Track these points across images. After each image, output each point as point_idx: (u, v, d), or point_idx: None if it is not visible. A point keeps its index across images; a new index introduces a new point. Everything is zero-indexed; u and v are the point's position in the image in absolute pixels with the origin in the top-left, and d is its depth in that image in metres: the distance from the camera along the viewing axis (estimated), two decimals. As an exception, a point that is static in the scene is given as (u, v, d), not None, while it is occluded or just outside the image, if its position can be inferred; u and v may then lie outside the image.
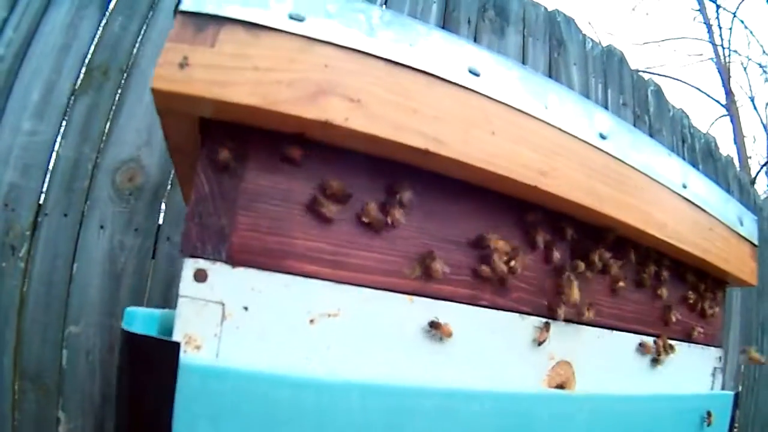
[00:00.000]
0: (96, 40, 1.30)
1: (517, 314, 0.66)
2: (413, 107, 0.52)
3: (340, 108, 0.48)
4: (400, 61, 0.52)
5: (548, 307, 0.69)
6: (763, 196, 3.45)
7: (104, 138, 1.27)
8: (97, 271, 1.22)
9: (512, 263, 0.63)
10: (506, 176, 0.56)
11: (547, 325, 0.67)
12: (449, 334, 0.57)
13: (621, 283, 0.79)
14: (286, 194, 0.52)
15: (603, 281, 0.77)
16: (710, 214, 0.86)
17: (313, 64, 0.48)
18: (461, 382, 0.60)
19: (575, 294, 0.68)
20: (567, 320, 0.70)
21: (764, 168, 6.53)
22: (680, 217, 0.80)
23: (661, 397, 0.86)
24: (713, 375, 1.01)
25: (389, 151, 0.53)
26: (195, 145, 0.55)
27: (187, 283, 0.47)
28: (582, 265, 0.72)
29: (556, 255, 0.69)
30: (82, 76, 1.28)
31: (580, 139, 0.64)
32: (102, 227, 1.24)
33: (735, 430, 2.69)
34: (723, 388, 1.02)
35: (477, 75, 0.56)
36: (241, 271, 0.49)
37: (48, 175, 1.21)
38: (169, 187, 1.29)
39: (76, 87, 1.27)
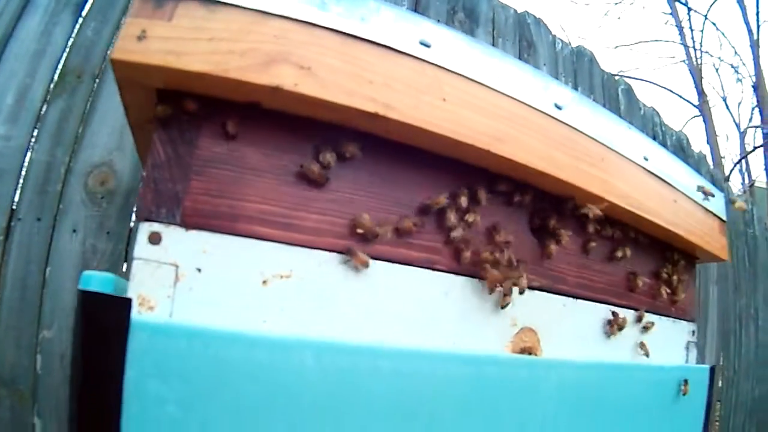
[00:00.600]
0: (69, 45, 1.31)
1: (476, 279, 0.67)
2: (364, 75, 0.53)
3: (291, 74, 0.50)
4: (352, 33, 0.54)
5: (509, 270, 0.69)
6: (736, 193, 3.50)
7: (77, 142, 1.28)
8: (70, 275, 1.21)
9: (469, 226, 0.65)
10: (458, 140, 0.58)
11: (509, 289, 0.68)
12: (365, 263, 0.57)
13: (587, 252, 0.81)
14: (238, 160, 0.53)
15: (568, 250, 0.78)
16: (674, 187, 0.88)
17: (266, 35, 0.50)
18: (419, 343, 0.61)
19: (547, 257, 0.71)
20: (530, 287, 0.71)
21: (737, 165, 6.66)
22: (643, 189, 0.81)
23: (633, 367, 0.87)
24: (687, 348, 1.02)
25: (340, 116, 0.54)
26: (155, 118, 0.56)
27: (141, 246, 0.48)
28: (545, 233, 0.73)
29: (517, 222, 0.71)
30: (55, 80, 1.29)
31: (535, 108, 0.66)
32: (75, 231, 1.23)
33: (717, 419, 2.72)
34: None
35: (428, 46, 0.58)
36: (195, 234, 0.50)
37: (21, 180, 1.21)
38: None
39: (50, 91, 1.27)
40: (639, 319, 0.89)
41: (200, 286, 0.50)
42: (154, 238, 0.49)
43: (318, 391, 0.51)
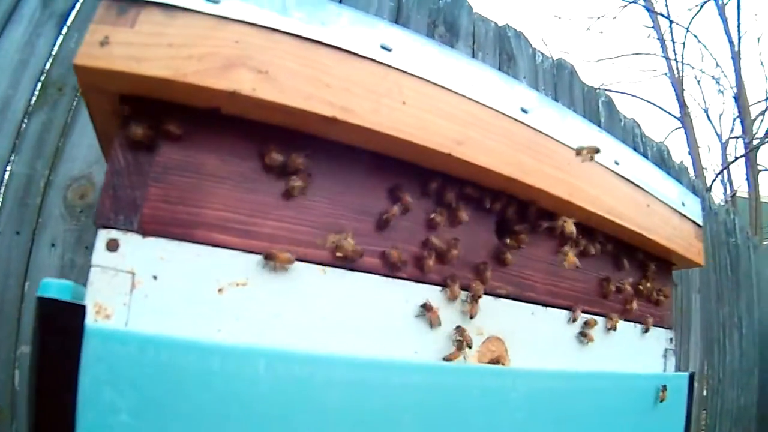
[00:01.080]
0: (52, 57, 1.31)
1: (438, 287, 0.67)
2: (323, 79, 0.54)
3: (248, 79, 0.50)
4: (312, 37, 0.54)
5: (473, 280, 0.70)
6: (718, 204, 3.54)
7: (57, 155, 1.27)
8: (48, 288, 1.20)
9: (431, 239, 0.65)
10: (418, 144, 0.58)
11: (474, 299, 0.68)
12: (289, 261, 0.56)
13: (556, 259, 0.80)
14: (197, 166, 0.53)
15: (537, 257, 0.78)
16: (647, 192, 0.88)
17: (225, 40, 0.50)
18: (378, 353, 0.61)
19: (504, 263, 0.70)
20: (496, 295, 0.71)
21: (719, 176, 6.72)
22: (614, 193, 0.81)
23: (608, 375, 0.86)
24: (665, 356, 1.02)
25: (298, 121, 0.55)
26: (116, 123, 0.56)
27: (99, 253, 0.48)
28: (510, 240, 0.73)
29: (482, 228, 0.71)
30: (37, 92, 1.28)
31: (500, 112, 0.66)
32: (53, 245, 1.23)
33: (703, 427, 2.71)
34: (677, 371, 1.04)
35: (389, 50, 0.59)
36: (152, 241, 0.50)
37: (1, 192, 1.20)
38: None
39: (32, 103, 1.27)
40: (612, 327, 0.89)
41: (156, 293, 0.50)
42: (112, 245, 0.49)
43: (272, 400, 0.51)
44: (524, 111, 0.69)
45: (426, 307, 0.64)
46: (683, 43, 9.21)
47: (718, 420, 2.86)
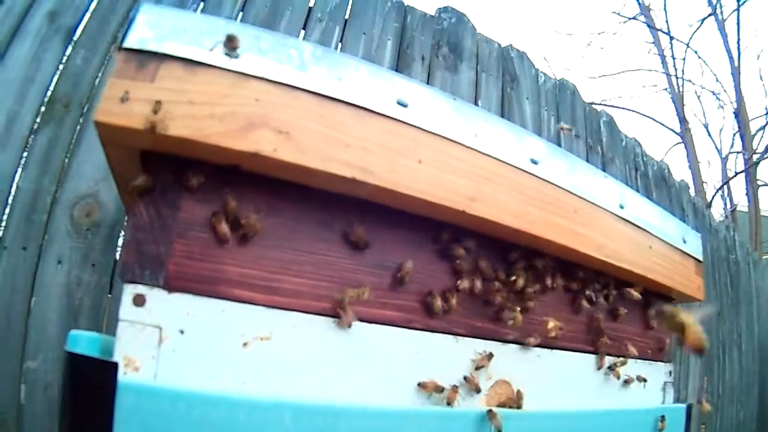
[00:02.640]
0: (59, 73, 1.31)
1: (451, 336, 0.69)
2: (341, 138, 0.55)
3: (270, 140, 0.51)
4: (329, 95, 0.56)
5: (486, 329, 0.72)
6: (718, 219, 3.55)
7: (63, 171, 1.28)
8: (54, 306, 1.21)
9: (447, 296, 0.67)
10: (434, 202, 0.60)
11: (490, 355, 0.71)
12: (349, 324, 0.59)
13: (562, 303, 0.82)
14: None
15: (542, 302, 0.80)
16: (650, 233, 0.90)
17: (245, 98, 0.52)
18: (395, 402, 0.62)
19: (519, 318, 0.72)
20: (504, 341, 0.73)
21: (719, 191, 6.75)
22: (618, 237, 0.83)
23: (610, 413, 0.88)
24: (663, 389, 1.04)
25: (318, 181, 0.56)
26: (136, 174, 0.57)
27: (126, 308, 0.50)
28: (519, 286, 0.75)
29: (492, 279, 0.73)
30: (44, 109, 1.29)
31: (510, 165, 0.68)
32: (60, 262, 1.23)
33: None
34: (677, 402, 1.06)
35: (405, 106, 0.60)
36: (177, 296, 0.52)
37: (8, 208, 1.21)
38: (125, 223, 1.29)
39: (38, 119, 1.27)
40: (618, 364, 0.91)
41: (183, 347, 0.51)
42: (139, 301, 0.50)
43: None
44: (534, 162, 0.71)
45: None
46: (683, 59, 9.24)
47: (716, 435, 2.88)
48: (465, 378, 0.69)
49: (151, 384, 0.49)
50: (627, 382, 0.94)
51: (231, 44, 0.52)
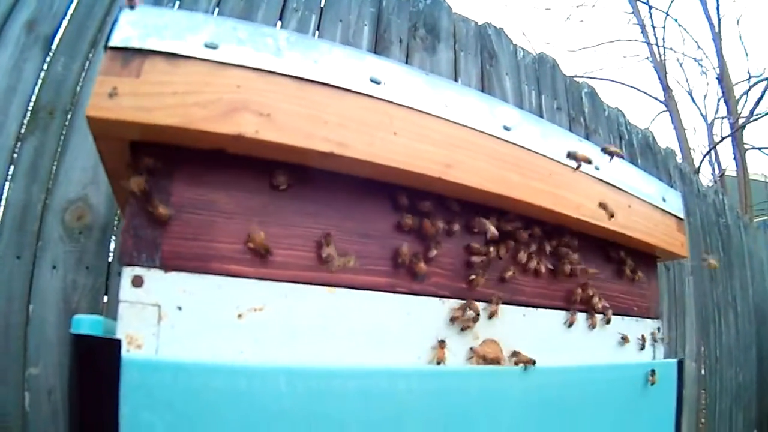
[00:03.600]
0: (40, 81, 1.32)
1: (437, 298, 0.72)
2: (319, 116, 0.58)
3: (251, 122, 0.55)
4: (306, 77, 0.59)
5: (467, 289, 0.75)
6: (707, 185, 3.59)
7: (52, 178, 1.29)
8: (52, 311, 1.22)
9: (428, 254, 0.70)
10: (410, 171, 0.63)
11: (476, 317, 0.74)
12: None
13: (540, 264, 0.85)
14: (209, 204, 0.58)
15: (523, 262, 0.83)
16: (628, 193, 0.93)
17: (226, 86, 0.55)
18: (384, 363, 0.66)
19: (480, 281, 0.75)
20: (489, 301, 0.76)
21: (706, 157, 6.79)
22: (595, 197, 0.86)
23: (598, 368, 0.91)
24: (653, 345, 1.07)
25: (299, 157, 0.59)
26: (127, 167, 0.60)
27: (125, 289, 0.53)
28: (501, 249, 0.78)
29: (474, 241, 0.76)
30: (28, 117, 1.29)
31: (483, 132, 0.71)
32: (54, 267, 1.25)
33: (703, 406, 2.77)
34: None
35: (378, 83, 0.64)
36: (173, 275, 0.55)
37: (-1, 219, 1.22)
38: (116, 223, 1.31)
39: (23, 129, 1.28)
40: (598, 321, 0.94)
41: (182, 323, 0.55)
42: (137, 282, 0.54)
43: (294, 413, 0.56)
44: (507, 129, 0.74)
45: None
46: (663, 28, 9.27)
47: (717, 398, 2.91)
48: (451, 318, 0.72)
49: (153, 358, 0.52)
50: (624, 338, 0.97)
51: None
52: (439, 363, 0.69)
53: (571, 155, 0.80)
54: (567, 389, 0.82)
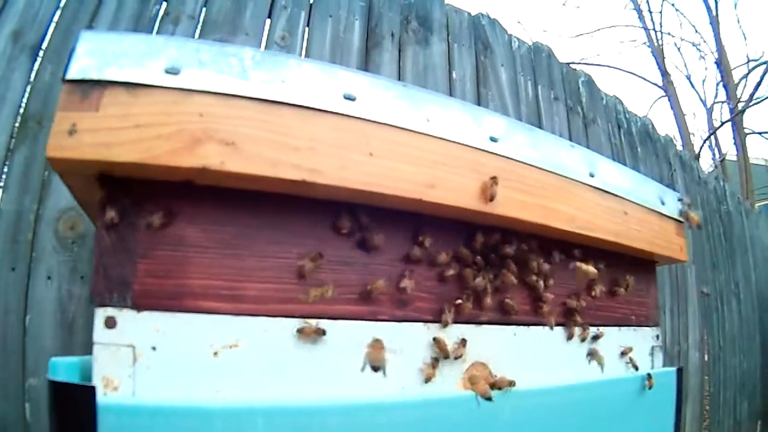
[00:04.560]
0: (28, 90, 1.31)
1: (421, 323, 0.70)
2: (288, 142, 0.56)
3: (216, 153, 0.52)
4: (273, 99, 0.56)
5: (454, 312, 0.72)
6: (708, 170, 3.55)
7: (43, 188, 1.28)
8: (49, 322, 1.22)
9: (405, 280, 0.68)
10: (388, 194, 0.60)
11: (463, 342, 0.71)
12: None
13: (534, 279, 0.82)
14: (178, 239, 0.56)
15: (514, 279, 0.80)
16: (624, 198, 0.90)
17: (189, 115, 0.53)
18: (369, 396, 0.64)
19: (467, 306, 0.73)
20: (477, 323, 0.74)
21: (707, 141, 6.71)
22: (590, 207, 0.83)
23: (596, 384, 0.89)
24: (651, 354, 1.04)
25: (269, 186, 0.57)
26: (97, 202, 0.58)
27: (99, 331, 0.52)
28: (486, 267, 0.76)
29: (455, 261, 0.74)
30: (17, 127, 1.29)
31: (467, 146, 0.68)
32: (49, 278, 1.24)
33: (707, 394, 2.76)
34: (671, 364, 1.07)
35: (353, 99, 0.61)
36: (146, 315, 0.54)
37: (-8, 231, 1.22)
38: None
39: (13, 139, 1.27)
40: (596, 336, 0.91)
41: (157, 363, 0.53)
42: (110, 323, 0.52)
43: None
44: (493, 140, 0.71)
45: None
46: (660, 12, 9.15)
47: (721, 386, 2.89)
48: (434, 339, 0.70)
49: (129, 402, 0.51)
50: (624, 354, 0.95)
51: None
52: (428, 381, 0.67)
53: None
54: (562, 408, 0.80)
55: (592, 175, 0.84)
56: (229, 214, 0.59)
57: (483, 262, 0.76)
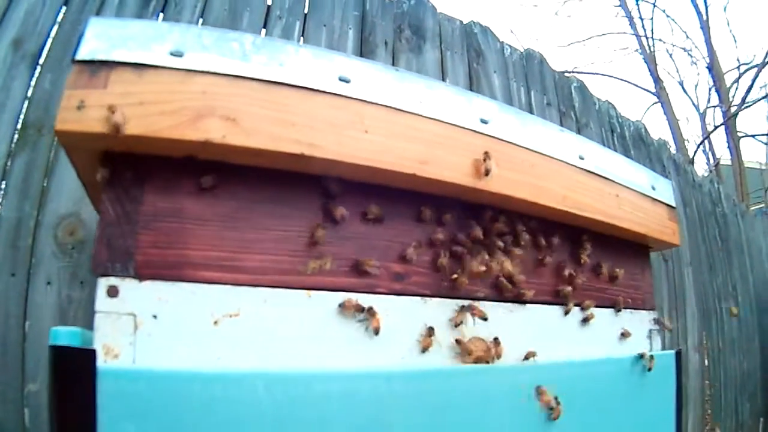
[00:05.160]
0: (28, 98, 1.33)
1: (418, 297, 0.71)
2: (287, 118, 0.58)
3: (218, 127, 0.55)
4: (273, 79, 0.59)
5: (449, 287, 0.74)
6: (703, 175, 3.57)
7: (43, 195, 1.30)
8: (49, 327, 1.21)
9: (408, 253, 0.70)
10: (383, 168, 0.63)
11: (462, 308, 0.73)
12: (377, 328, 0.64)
13: (528, 257, 0.84)
14: (180, 212, 0.58)
15: (510, 257, 0.81)
16: (615, 182, 0.92)
17: (192, 93, 0.55)
18: (365, 365, 0.65)
19: (476, 268, 0.74)
20: (474, 298, 0.75)
21: (700, 146, 6.76)
22: (580, 188, 0.85)
23: (594, 362, 0.90)
24: (650, 337, 1.05)
25: (269, 160, 0.59)
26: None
27: (101, 300, 0.53)
28: (483, 244, 0.77)
29: (454, 237, 0.75)
30: (17, 135, 1.30)
31: (459, 126, 0.71)
32: (49, 283, 1.25)
33: (708, 398, 2.76)
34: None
35: (347, 81, 0.63)
36: (148, 284, 0.55)
37: (-8, 237, 1.23)
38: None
39: (13, 146, 1.29)
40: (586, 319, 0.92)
41: (158, 331, 0.55)
42: (112, 292, 0.54)
43: (272, 417, 0.56)
44: (484, 122, 0.74)
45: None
46: (651, 19, 9.27)
47: (722, 389, 2.89)
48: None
49: (128, 368, 0.52)
50: (624, 334, 0.97)
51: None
52: (425, 350, 0.69)
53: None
54: (560, 385, 0.80)
55: (582, 158, 0.86)
56: (229, 189, 0.60)
57: (480, 240, 0.78)
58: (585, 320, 0.91)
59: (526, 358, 0.78)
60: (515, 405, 0.75)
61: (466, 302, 0.74)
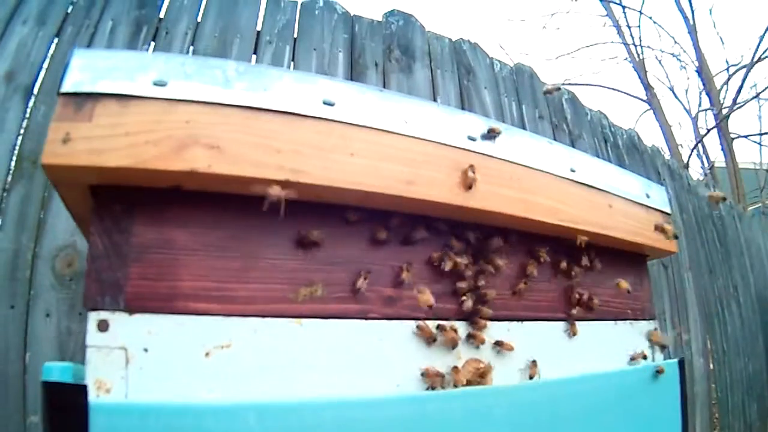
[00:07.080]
0: (23, 131, 1.34)
1: (412, 321, 0.71)
2: (271, 144, 0.58)
3: (203, 156, 0.55)
4: (256, 105, 0.59)
5: (448, 309, 0.74)
6: (697, 179, 3.58)
7: (40, 227, 1.30)
8: (49, 359, 1.22)
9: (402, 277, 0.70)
10: (369, 191, 0.63)
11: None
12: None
13: (524, 274, 0.84)
14: (169, 243, 0.58)
15: (506, 276, 0.82)
16: (608, 192, 0.91)
17: (176, 122, 0.55)
18: (359, 392, 0.64)
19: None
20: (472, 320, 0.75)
21: (694, 150, 6.74)
22: (572, 200, 0.84)
23: (596, 376, 0.89)
24: (651, 347, 1.04)
25: (256, 188, 0.58)
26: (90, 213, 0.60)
27: (92, 334, 0.53)
28: (479, 265, 0.77)
29: (447, 259, 0.75)
30: (12, 167, 1.31)
31: (445, 144, 0.71)
32: (48, 315, 1.25)
33: (714, 400, 2.73)
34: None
35: (332, 104, 0.64)
36: (138, 317, 0.55)
37: (-9, 269, 1.23)
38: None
39: (8, 179, 1.30)
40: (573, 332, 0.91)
41: (149, 365, 0.54)
42: (102, 326, 0.54)
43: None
44: (471, 139, 0.74)
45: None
46: (639, 27, 9.30)
47: (728, 391, 2.87)
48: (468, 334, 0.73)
49: (120, 402, 0.52)
50: (624, 346, 0.95)
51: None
52: (433, 388, 0.68)
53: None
54: (561, 402, 0.80)
55: (573, 170, 0.86)
56: (216, 218, 0.61)
57: (472, 259, 0.78)
58: (583, 334, 0.90)
59: (530, 377, 0.77)
60: (518, 425, 0.74)
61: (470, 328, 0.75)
